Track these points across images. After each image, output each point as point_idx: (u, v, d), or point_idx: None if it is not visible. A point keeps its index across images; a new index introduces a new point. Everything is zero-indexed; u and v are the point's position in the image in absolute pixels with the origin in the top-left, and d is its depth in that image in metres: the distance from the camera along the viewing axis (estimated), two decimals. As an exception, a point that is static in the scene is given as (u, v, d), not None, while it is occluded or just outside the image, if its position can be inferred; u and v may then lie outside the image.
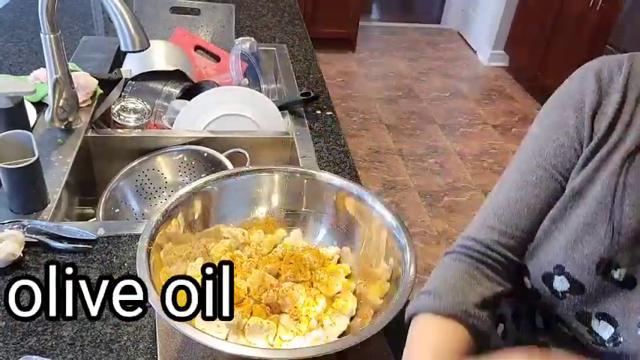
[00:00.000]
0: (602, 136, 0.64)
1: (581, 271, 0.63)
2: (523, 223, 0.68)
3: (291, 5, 2.17)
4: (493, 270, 0.69)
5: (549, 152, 0.67)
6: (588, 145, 0.65)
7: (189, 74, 1.47)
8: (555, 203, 0.66)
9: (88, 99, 1.31)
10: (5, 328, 0.78)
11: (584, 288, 0.64)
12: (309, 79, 1.61)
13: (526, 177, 0.68)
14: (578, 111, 0.66)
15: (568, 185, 0.66)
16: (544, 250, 0.67)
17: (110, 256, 0.92)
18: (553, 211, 0.66)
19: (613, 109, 0.64)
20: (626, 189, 0.61)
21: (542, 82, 3.47)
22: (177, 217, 0.81)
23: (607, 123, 0.64)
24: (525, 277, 0.71)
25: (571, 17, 3.15)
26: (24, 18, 1.81)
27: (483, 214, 0.71)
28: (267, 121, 1.32)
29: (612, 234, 0.61)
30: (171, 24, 1.62)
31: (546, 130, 0.69)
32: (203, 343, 0.61)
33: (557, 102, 0.70)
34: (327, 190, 0.89)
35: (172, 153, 1.26)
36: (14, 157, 0.94)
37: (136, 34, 0.98)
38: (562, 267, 0.65)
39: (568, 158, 0.66)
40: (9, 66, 1.50)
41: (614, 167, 0.62)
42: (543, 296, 0.69)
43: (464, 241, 0.71)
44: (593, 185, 0.63)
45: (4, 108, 1.05)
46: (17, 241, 0.88)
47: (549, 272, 0.66)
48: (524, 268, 0.70)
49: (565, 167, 0.66)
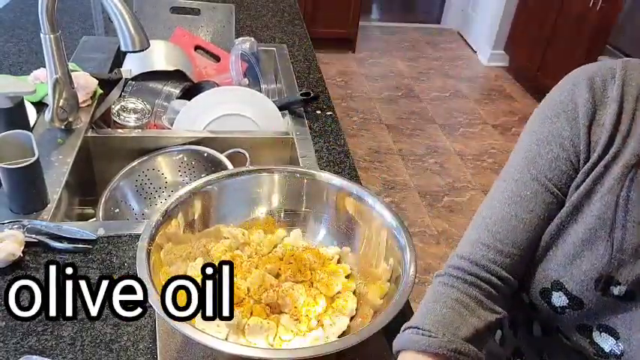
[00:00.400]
0: (602, 150, 0.61)
1: (580, 287, 0.62)
2: (519, 239, 0.65)
3: (291, 5, 2.17)
4: (487, 295, 0.65)
5: (544, 165, 0.64)
6: (586, 158, 0.62)
7: (189, 74, 1.47)
8: (551, 217, 0.64)
9: (88, 99, 1.31)
10: (5, 328, 0.78)
11: (583, 304, 0.63)
12: (309, 79, 1.61)
13: (521, 191, 0.65)
14: (572, 121, 0.63)
15: (567, 200, 0.64)
16: (542, 266, 0.66)
17: (110, 256, 0.92)
18: (551, 227, 0.64)
19: (611, 120, 0.61)
20: (627, 205, 0.59)
21: (542, 82, 3.47)
22: (177, 217, 0.81)
23: (606, 136, 0.61)
24: (523, 293, 0.69)
25: (571, 17, 3.15)
26: (24, 18, 1.81)
27: (477, 230, 0.67)
28: (267, 121, 1.32)
29: (612, 250, 0.60)
30: (171, 24, 1.62)
31: (539, 141, 0.66)
32: (203, 343, 0.61)
33: (548, 111, 0.67)
34: (327, 190, 0.89)
35: (172, 153, 1.26)
36: (14, 157, 0.94)
37: (136, 34, 0.98)
38: (560, 283, 0.64)
39: (564, 171, 0.63)
40: (9, 66, 1.50)
41: (613, 182, 0.60)
42: (541, 310, 0.68)
43: (457, 261, 0.67)
44: (592, 200, 0.62)
45: (4, 108, 1.05)
46: (17, 241, 0.88)
47: (547, 288, 0.65)
48: (522, 283, 0.68)
49: (561, 180, 0.64)
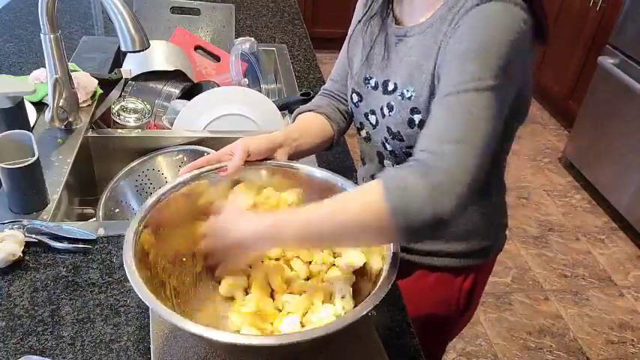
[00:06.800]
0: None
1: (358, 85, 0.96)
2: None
3: (291, 5, 2.17)
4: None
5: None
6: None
7: (189, 74, 1.47)
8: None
9: (88, 99, 1.31)
10: (5, 328, 0.78)
11: (361, 96, 0.95)
12: (309, 79, 1.61)
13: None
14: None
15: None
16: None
17: (110, 256, 0.92)
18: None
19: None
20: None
21: (542, 82, 3.46)
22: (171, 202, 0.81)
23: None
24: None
25: (571, 17, 3.15)
26: (24, 18, 1.81)
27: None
28: (267, 121, 1.32)
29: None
30: (171, 24, 1.62)
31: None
32: (187, 329, 0.61)
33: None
34: (311, 183, 0.89)
35: (172, 153, 1.26)
36: (14, 157, 0.94)
37: (136, 34, 0.98)
38: (354, 89, 0.97)
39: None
40: (9, 66, 1.50)
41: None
42: (354, 111, 0.99)
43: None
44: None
45: (4, 108, 1.05)
46: (17, 241, 0.88)
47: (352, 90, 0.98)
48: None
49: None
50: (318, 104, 1.03)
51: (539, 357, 1.98)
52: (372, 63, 0.93)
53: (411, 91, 0.84)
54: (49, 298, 0.83)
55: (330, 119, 1.02)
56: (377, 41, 0.92)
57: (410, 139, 0.86)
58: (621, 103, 2.58)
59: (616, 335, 2.10)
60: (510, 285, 2.28)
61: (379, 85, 0.91)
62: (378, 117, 0.92)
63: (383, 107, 0.89)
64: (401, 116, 0.86)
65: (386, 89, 0.89)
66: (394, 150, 0.91)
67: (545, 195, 2.86)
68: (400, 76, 0.86)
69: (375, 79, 0.92)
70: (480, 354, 1.97)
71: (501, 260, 2.39)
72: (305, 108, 1.03)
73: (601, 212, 2.76)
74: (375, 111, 0.92)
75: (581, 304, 2.22)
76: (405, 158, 0.89)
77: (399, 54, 0.88)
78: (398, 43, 0.88)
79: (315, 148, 0.99)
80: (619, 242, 2.58)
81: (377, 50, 0.92)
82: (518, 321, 2.12)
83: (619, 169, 2.60)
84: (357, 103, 0.96)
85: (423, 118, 0.83)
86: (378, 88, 0.91)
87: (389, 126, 0.89)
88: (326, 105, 1.04)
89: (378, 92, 0.91)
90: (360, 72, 0.95)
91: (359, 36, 0.97)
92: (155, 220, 0.77)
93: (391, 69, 0.89)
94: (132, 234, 0.72)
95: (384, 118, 0.90)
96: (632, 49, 2.51)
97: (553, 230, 2.62)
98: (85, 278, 0.87)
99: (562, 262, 2.43)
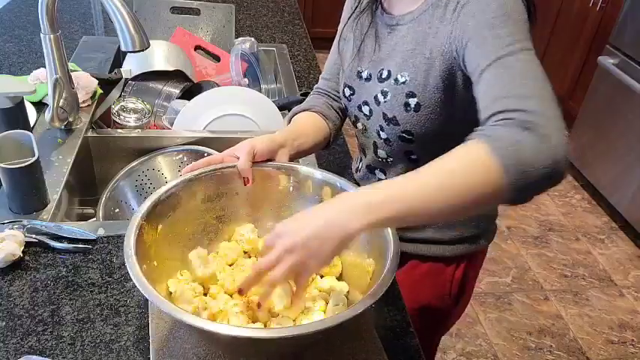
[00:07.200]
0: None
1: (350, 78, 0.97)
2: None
3: (291, 5, 2.17)
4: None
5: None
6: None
7: (189, 74, 1.47)
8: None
9: (88, 99, 1.31)
10: (5, 328, 0.78)
11: (354, 89, 0.97)
12: (309, 79, 1.61)
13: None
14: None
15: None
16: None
17: (110, 256, 0.92)
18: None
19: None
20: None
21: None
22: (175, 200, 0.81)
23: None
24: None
25: (571, 17, 3.15)
26: (24, 18, 1.81)
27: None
28: (267, 121, 1.32)
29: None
30: (171, 24, 1.62)
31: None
32: (188, 323, 0.61)
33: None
34: (312, 183, 0.89)
35: (172, 153, 1.26)
36: (14, 157, 0.94)
37: (136, 34, 0.98)
38: (344, 83, 0.99)
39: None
40: (9, 66, 1.50)
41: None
42: (347, 105, 1.00)
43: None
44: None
45: (4, 108, 1.05)
46: (17, 241, 0.88)
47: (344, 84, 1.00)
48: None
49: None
50: (312, 103, 1.04)
51: (539, 357, 1.98)
52: (363, 56, 0.95)
53: (405, 76, 0.86)
54: (49, 298, 0.83)
55: (325, 117, 1.02)
56: (368, 35, 0.94)
57: (405, 124, 0.88)
58: (621, 103, 2.58)
59: (616, 335, 2.10)
60: (510, 285, 2.29)
61: (372, 75, 0.92)
62: (371, 106, 0.93)
63: (377, 95, 0.91)
64: (397, 101, 0.87)
65: (380, 77, 0.91)
66: (388, 137, 0.92)
67: (545, 195, 2.86)
68: (394, 63, 0.88)
69: (368, 71, 0.93)
70: (480, 354, 1.97)
71: (501, 260, 2.40)
72: (300, 108, 1.05)
73: (601, 212, 2.76)
74: (367, 102, 0.94)
75: (581, 304, 2.22)
76: (399, 143, 0.92)
77: (391, 43, 0.90)
78: (390, 33, 0.90)
79: (314, 147, 1.00)
80: (619, 242, 2.58)
81: (368, 43, 0.94)
82: (518, 321, 2.12)
83: (619, 169, 2.61)
84: (350, 96, 0.98)
85: (419, 102, 0.85)
86: (371, 79, 0.93)
87: (384, 112, 0.90)
88: (321, 104, 1.04)
89: (371, 82, 0.93)
90: (351, 66, 0.97)
91: (349, 32, 0.98)
92: (156, 217, 0.77)
93: (384, 58, 0.91)
94: (133, 229, 0.72)
95: (378, 105, 0.91)
96: (632, 49, 2.51)
97: (553, 230, 2.62)
98: (85, 278, 0.87)
99: (562, 262, 2.43)
